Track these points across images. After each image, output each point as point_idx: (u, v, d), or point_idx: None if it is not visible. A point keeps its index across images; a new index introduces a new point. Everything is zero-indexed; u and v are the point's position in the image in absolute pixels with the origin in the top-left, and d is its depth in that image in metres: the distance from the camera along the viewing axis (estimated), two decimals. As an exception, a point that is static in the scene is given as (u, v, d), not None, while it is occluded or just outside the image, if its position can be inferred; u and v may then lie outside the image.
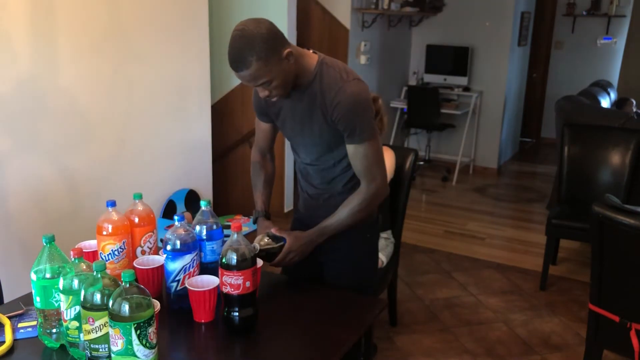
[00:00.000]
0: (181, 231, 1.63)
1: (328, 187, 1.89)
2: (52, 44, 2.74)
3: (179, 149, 3.60)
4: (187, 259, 1.62)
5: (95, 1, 2.91)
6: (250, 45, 1.54)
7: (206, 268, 1.70)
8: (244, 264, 1.51)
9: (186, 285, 1.59)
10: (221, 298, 1.56)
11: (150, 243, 1.75)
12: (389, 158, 2.71)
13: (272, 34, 1.58)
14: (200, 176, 3.82)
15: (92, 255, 1.69)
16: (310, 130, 1.78)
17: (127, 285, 1.26)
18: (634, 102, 5.20)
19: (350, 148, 1.75)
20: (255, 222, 2.00)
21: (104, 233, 1.64)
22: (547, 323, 3.24)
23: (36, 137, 2.75)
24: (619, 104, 5.38)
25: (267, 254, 1.76)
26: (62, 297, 1.39)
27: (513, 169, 6.69)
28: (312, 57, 1.74)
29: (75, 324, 1.39)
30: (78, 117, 2.93)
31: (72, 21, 2.81)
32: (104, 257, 1.65)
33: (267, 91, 1.66)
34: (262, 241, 1.76)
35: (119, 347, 1.27)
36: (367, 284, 2.00)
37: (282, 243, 1.78)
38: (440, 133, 6.48)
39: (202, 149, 3.81)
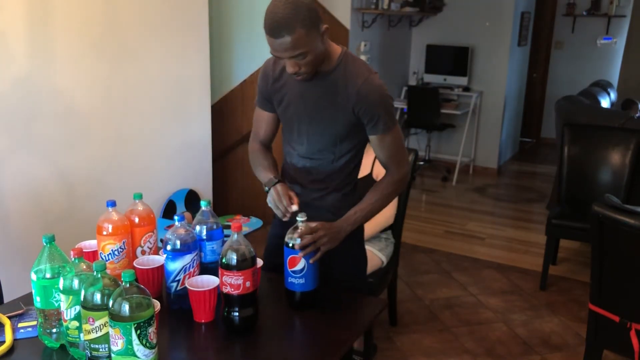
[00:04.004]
0: (181, 231, 1.63)
1: (321, 185, 1.86)
2: (50, 44, 2.74)
3: (179, 148, 3.60)
4: (187, 259, 1.62)
5: (94, 1, 2.91)
6: (296, 12, 1.53)
7: (206, 268, 1.70)
8: (244, 264, 1.51)
9: (186, 285, 1.59)
10: (221, 298, 1.56)
11: (150, 243, 1.75)
12: None
13: (315, 7, 1.59)
14: (200, 176, 3.82)
15: (92, 255, 1.69)
16: (321, 118, 1.77)
17: (127, 285, 1.26)
18: (639, 105, 5.17)
19: (374, 139, 1.77)
20: (269, 190, 1.79)
21: (104, 233, 1.64)
22: (547, 323, 3.24)
23: (35, 138, 2.75)
24: (624, 105, 5.35)
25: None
26: (62, 297, 1.39)
27: (513, 169, 6.69)
28: (336, 47, 1.76)
29: (76, 323, 1.39)
30: (77, 117, 2.93)
31: (70, 21, 2.81)
32: (104, 257, 1.65)
33: (297, 66, 1.63)
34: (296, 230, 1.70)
35: (119, 347, 1.28)
36: (360, 286, 1.99)
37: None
38: (440, 133, 6.48)
39: (202, 149, 3.81)
